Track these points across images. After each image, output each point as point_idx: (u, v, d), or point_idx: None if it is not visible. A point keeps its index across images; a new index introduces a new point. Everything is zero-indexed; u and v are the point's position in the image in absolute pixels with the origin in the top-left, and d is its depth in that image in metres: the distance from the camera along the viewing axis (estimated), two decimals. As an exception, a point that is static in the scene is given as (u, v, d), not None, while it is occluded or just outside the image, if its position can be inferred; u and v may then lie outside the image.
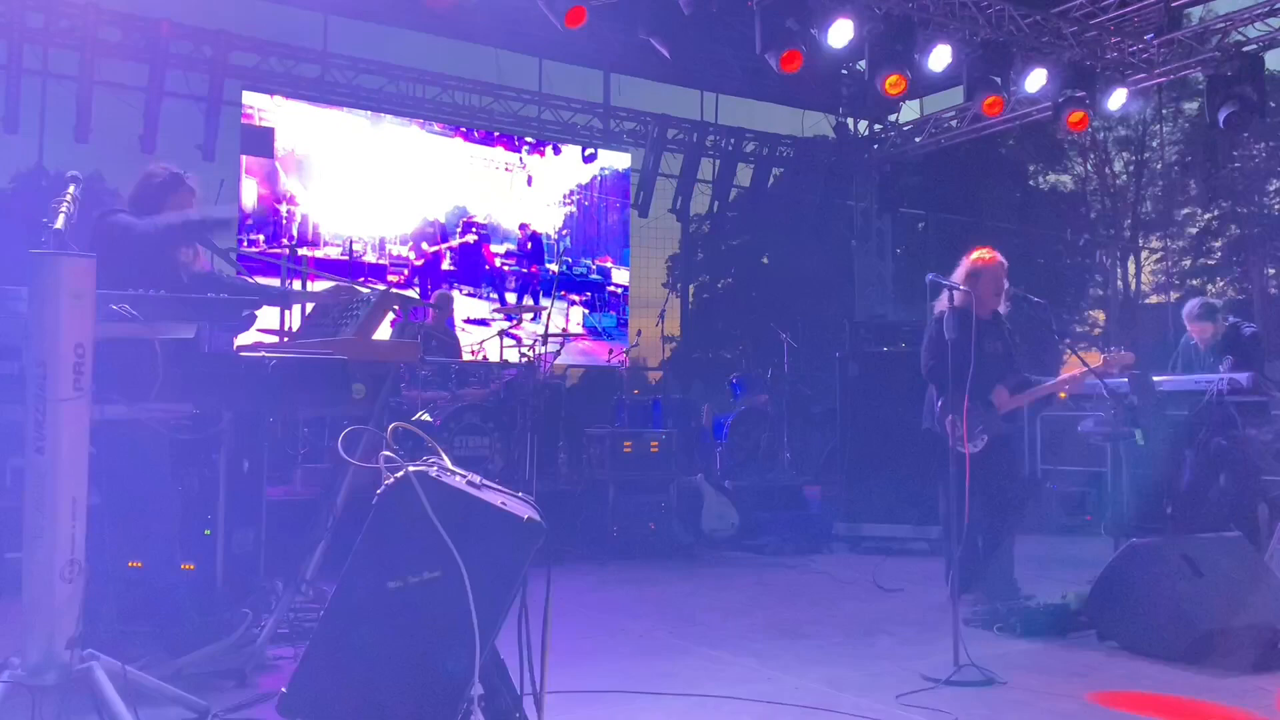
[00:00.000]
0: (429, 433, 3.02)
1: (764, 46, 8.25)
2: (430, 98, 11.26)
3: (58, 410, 2.75)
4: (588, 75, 12.65)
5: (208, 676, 3.80)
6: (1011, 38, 9.35)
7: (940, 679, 3.93)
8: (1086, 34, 9.81)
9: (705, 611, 5.45)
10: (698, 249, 22.41)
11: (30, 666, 2.79)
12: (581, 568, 6.82)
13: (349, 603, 2.55)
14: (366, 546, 2.54)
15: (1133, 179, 24.71)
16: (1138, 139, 24.22)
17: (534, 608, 2.78)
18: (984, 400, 5.31)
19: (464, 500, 2.56)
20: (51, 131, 9.69)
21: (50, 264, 2.77)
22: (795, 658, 4.35)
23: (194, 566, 4.55)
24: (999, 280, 5.45)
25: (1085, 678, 4.08)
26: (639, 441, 7.62)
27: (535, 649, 2.78)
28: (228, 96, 9.89)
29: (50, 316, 2.75)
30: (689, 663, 4.26)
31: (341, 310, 4.16)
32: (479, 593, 2.47)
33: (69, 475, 2.80)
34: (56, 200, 3.04)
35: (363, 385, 3.78)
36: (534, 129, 12.01)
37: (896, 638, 4.81)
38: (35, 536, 2.78)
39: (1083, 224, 24.69)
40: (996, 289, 5.45)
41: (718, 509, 7.99)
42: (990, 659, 4.13)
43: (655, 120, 12.33)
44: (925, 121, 12.95)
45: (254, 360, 3.18)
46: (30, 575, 2.79)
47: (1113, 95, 9.97)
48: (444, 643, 2.49)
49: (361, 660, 2.51)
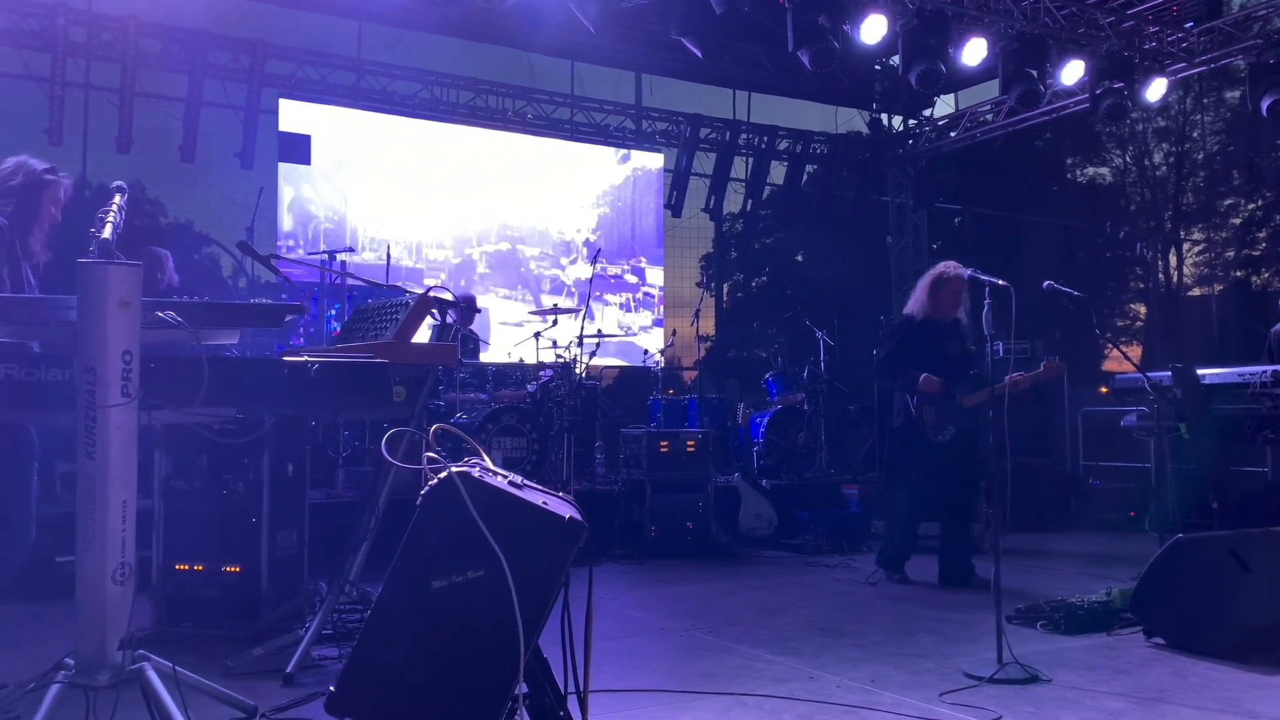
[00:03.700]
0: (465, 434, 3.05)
1: (796, 44, 8.22)
2: (464, 102, 11.34)
3: (107, 416, 2.80)
4: (620, 76, 12.68)
5: (255, 676, 3.86)
6: (1047, 29, 9.25)
7: (984, 677, 3.91)
8: (1124, 24, 9.68)
9: (744, 610, 5.44)
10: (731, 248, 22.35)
11: (84, 667, 2.85)
12: (620, 567, 6.85)
13: (395, 602, 2.57)
14: (411, 547, 2.56)
15: (1173, 170, 24.31)
16: (1178, 129, 23.82)
17: (575, 607, 2.80)
18: (950, 397, 6.00)
19: (506, 500, 2.58)
20: (94, 143, 9.87)
21: (98, 273, 2.82)
22: (836, 656, 4.34)
23: (240, 569, 4.64)
24: (958, 293, 6.11)
25: (1131, 675, 4.04)
26: (675, 441, 7.63)
27: (577, 648, 2.80)
28: (265, 105, 10.02)
29: (98, 324, 2.80)
30: (729, 662, 4.26)
31: (380, 314, 4.20)
32: (522, 591, 2.49)
33: (119, 479, 2.85)
34: (103, 210, 3.10)
35: (403, 388, 3.82)
36: (567, 131, 12.04)
37: (938, 635, 4.78)
38: (87, 540, 2.84)
39: (1122, 216, 24.34)
40: (955, 300, 6.12)
41: (755, 508, 7.98)
42: (1034, 656, 4.10)
43: (688, 120, 12.32)
44: (960, 116, 12.84)
45: (297, 364, 3.21)
46: (83, 578, 2.85)
47: (1151, 85, 9.82)
48: (488, 641, 2.51)
49: (407, 659, 2.54)
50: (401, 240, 10.80)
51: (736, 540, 7.79)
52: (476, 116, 11.45)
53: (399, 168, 10.89)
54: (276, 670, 3.87)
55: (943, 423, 6.02)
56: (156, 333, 2.93)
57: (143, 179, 12.77)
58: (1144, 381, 5.83)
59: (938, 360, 6.03)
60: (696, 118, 12.31)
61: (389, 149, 10.86)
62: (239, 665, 3.99)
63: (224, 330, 3.38)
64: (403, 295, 4.21)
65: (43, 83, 9.16)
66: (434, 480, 2.57)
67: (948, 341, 6.13)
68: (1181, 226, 24.34)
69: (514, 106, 11.67)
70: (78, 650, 2.87)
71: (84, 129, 9.82)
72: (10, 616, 4.64)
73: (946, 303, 6.12)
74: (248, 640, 4.30)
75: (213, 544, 4.65)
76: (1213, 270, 23.83)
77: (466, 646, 2.55)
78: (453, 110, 11.31)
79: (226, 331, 3.41)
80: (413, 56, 11.38)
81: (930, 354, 6.06)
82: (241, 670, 3.95)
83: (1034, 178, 21.60)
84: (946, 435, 6.01)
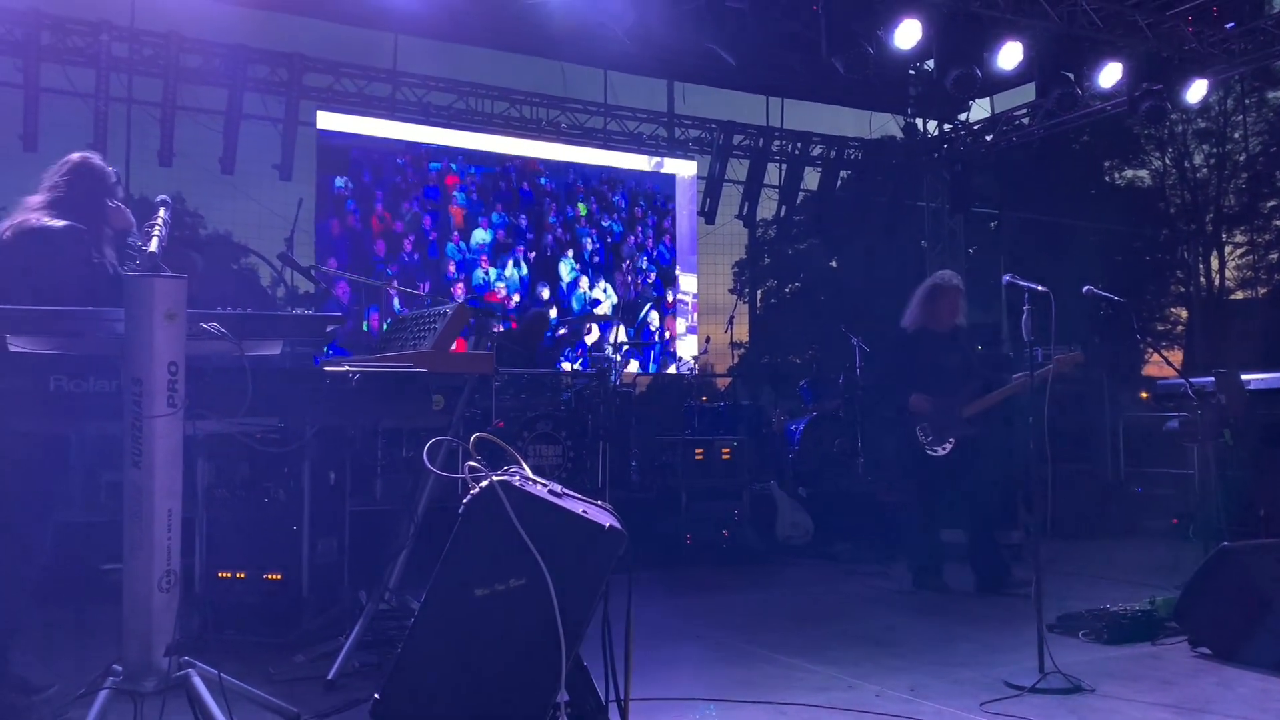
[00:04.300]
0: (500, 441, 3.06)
1: (830, 50, 8.20)
2: (499, 112, 11.41)
3: (153, 426, 2.85)
4: (652, 85, 12.71)
5: (297, 683, 3.90)
6: (1084, 32, 9.16)
7: (1025, 686, 3.86)
8: (1163, 25, 9.56)
9: (782, 619, 5.42)
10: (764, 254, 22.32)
11: (131, 673, 2.89)
12: (655, 575, 6.84)
13: (437, 610, 2.59)
14: (453, 555, 2.58)
15: (1214, 172, 23.96)
16: (1219, 130, 23.49)
17: (613, 615, 2.81)
18: (949, 407, 5.95)
19: (547, 509, 2.60)
20: (137, 156, 10.01)
21: (145, 286, 2.87)
22: (875, 665, 4.31)
23: (281, 576, 4.69)
24: (956, 302, 6.10)
25: (1176, 686, 3.98)
26: (710, 449, 7.62)
27: (616, 656, 2.80)
28: (303, 117, 10.15)
29: (145, 336, 2.84)
30: (768, 671, 4.25)
31: (419, 323, 4.24)
32: (563, 600, 2.50)
33: (164, 488, 2.89)
34: (149, 224, 3.16)
35: (441, 396, 3.85)
36: (600, 140, 12.09)
37: (978, 644, 4.73)
38: (134, 547, 2.88)
39: (1161, 219, 24.02)
40: (952, 310, 6.10)
41: (792, 516, 7.94)
42: (1077, 666, 4.05)
43: (720, 127, 12.32)
44: (996, 119, 12.75)
45: (338, 374, 3.25)
46: (129, 585, 2.89)
47: (1192, 87, 9.69)
48: (530, 649, 2.53)
49: (451, 667, 2.56)
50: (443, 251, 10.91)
51: (773, 549, 7.75)
52: (511, 127, 11.52)
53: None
54: (318, 677, 3.91)
55: (940, 437, 5.98)
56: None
57: (183, 191, 12.98)
58: (1187, 386, 5.76)
59: (933, 373, 5.98)
60: (729, 125, 12.31)
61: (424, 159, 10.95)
62: (281, 672, 4.03)
63: (268, 341, 3.42)
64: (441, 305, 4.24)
65: (87, 98, 9.33)
66: (476, 489, 2.58)
67: (945, 353, 6.07)
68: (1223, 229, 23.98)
69: (548, 116, 11.73)
70: (124, 656, 2.91)
71: (127, 143, 9.98)
72: (58, 622, 4.72)
73: (943, 313, 6.08)
74: (289, 647, 4.35)
75: (254, 552, 4.70)
76: (1255, 273, 23.45)
77: (508, 654, 2.56)
78: (487, 120, 11.39)
79: (270, 342, 3.45)
80: (448, 67, 11.49)
81: (925, 367, 6.01)
82: (284, 677, 3.99)
83: (1071, 181, 21.39)
84: (945, 448, 5.96)
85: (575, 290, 11.63)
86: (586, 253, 11.77)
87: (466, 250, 11.05)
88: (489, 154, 11.30)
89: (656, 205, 12.30)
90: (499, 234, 11.25)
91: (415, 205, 10.78)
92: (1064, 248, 18.43)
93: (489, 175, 11.27)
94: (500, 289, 11.13)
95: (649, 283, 12.15)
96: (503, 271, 11.20)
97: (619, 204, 12.05)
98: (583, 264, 11.70)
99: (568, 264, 11.60)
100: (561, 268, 11.56)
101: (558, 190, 11.67)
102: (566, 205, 11.68)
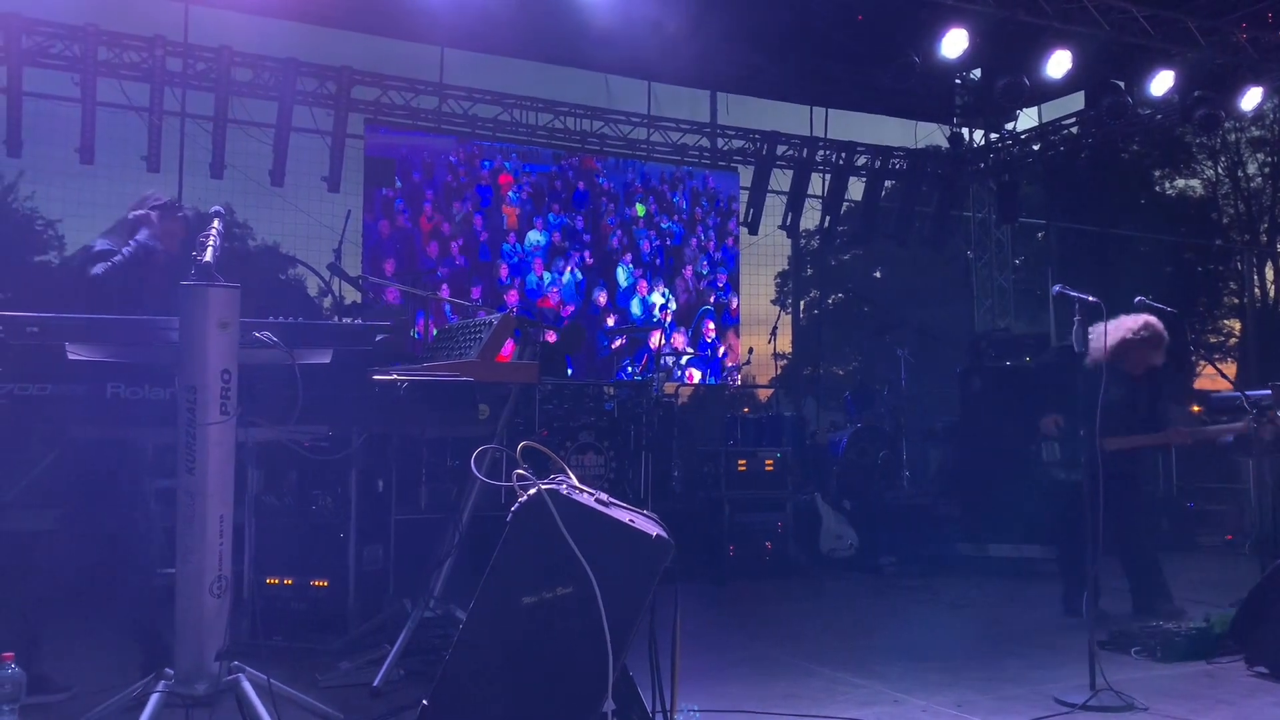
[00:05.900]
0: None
1: (875, 59, 8.16)
2: (543, 124, 11.49)
3: (206, 433, 2.90)
4: (696, 96, 12.72)
5: (343, 690, 3.93)
6: (1134, 39, 9.02)
7: (1076, 704, 3.80)
8: (1216, 31, 9.40)
9: (826, 632, 5.38)
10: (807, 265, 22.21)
11: (182, 677, 2.94)
12: (698, 587, 6.82)
13: (485, 617, 2.60)
14: (501, 563, 2.60)
15: (1269, 181, 23.48)
16: (1274, 139, 23.02)
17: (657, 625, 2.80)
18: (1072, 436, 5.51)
19: (595, 518, 2.60)
20: (189, 169, 10.19)
21: (199, 295, 2.92)
22: (920, 680, 4.25)
23: (328, 583, 4.74)
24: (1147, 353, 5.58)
25: (1233, 706, 3.88)
26: (754, 460, 7.58)
27: (663, 667, 2.80)
28: (351, 130, 10.29)
29: (199, 345, 2.90)
30: (813, 684, 4.22)
31: (465, 333, 4.27)
32: (610, 608, 2.50)
33: (217, 494, 2.94)
34: (203, 235, 3.21)
35: (487, 406, 3.88)
36: (644, 151, 12.11)
37: (1026, 660, 4.66)
38: (186, 552, 2.93)
39: (1214, 229, 23.58)
40: (1143, 360, 5.60)
41: (836, 529, 7.88)
42: (1129, 684, 3.98)
43: (764, 137, 12.29)
44: (1044, 129, 12.59)
45: (387, 383, 3.29)
46: (182, 590, 2.94)
47: (1246, 94, 9.52)
48: (577, 658, 2.53)
49: (497, 674, 2.57)
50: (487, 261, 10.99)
51: (816, 561, 7.69)
52: (555, 138, 11.59)
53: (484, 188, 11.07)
54: (364, 684, 3.94)
55: (1066, 461, 5.71)
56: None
57: (233, 203, 13.17)
58: (1242, 400, 5.64)
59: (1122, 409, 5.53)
60: (773, 135, 12.28)
61: (471, 171, 11.04)
62: (328, 679, 4.07)
63: (317, 350, 3.47)
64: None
65: (142, 112, 9.53)
66: (524, 497, 2.59)
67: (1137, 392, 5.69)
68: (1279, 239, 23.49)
69: (592, 127, 11.78)
70: (176, 661, 2.96)
71: (180, 155, 10.17)
72: (112, 625, 4.79)
73: (1133, 360, 5.62)
74: (336, 654, 4.39)
75: (302, 559, 4.76)
76: (1312, 285, 22.93)
77: (555, 662, 2.57)
78: (532, 132, 11.46)
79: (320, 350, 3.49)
80: (493, 80, 11.59)
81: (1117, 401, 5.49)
82: (330, 684, 4.03)
83: (1121, 191, 21.07)
84: (1070, 475, 5.63)
85: (633, 295, 11.64)
86: (646, 255, 11.78)
87: (520, 251, 11.11)
88: (544, 150, 11.39)
89: (719, 206, 12.29)
90: (554, 236, 11.32)
91: (467, 205, 10.88)
92: (1113, 259, 18.15)
93: (544, 174, 11.34)
94: (553, 294, 11.18)
95: (718, 286, 12.13)
96: (559, 277, 11.24)
97: (680, 204, 12.07)
98: (641, 268, 11.72)
99: (625, 269, 11.62)
100: (619, 273, 11.59)
101: (616, 190, 11.71)
102: (625, 206, 11.72)
